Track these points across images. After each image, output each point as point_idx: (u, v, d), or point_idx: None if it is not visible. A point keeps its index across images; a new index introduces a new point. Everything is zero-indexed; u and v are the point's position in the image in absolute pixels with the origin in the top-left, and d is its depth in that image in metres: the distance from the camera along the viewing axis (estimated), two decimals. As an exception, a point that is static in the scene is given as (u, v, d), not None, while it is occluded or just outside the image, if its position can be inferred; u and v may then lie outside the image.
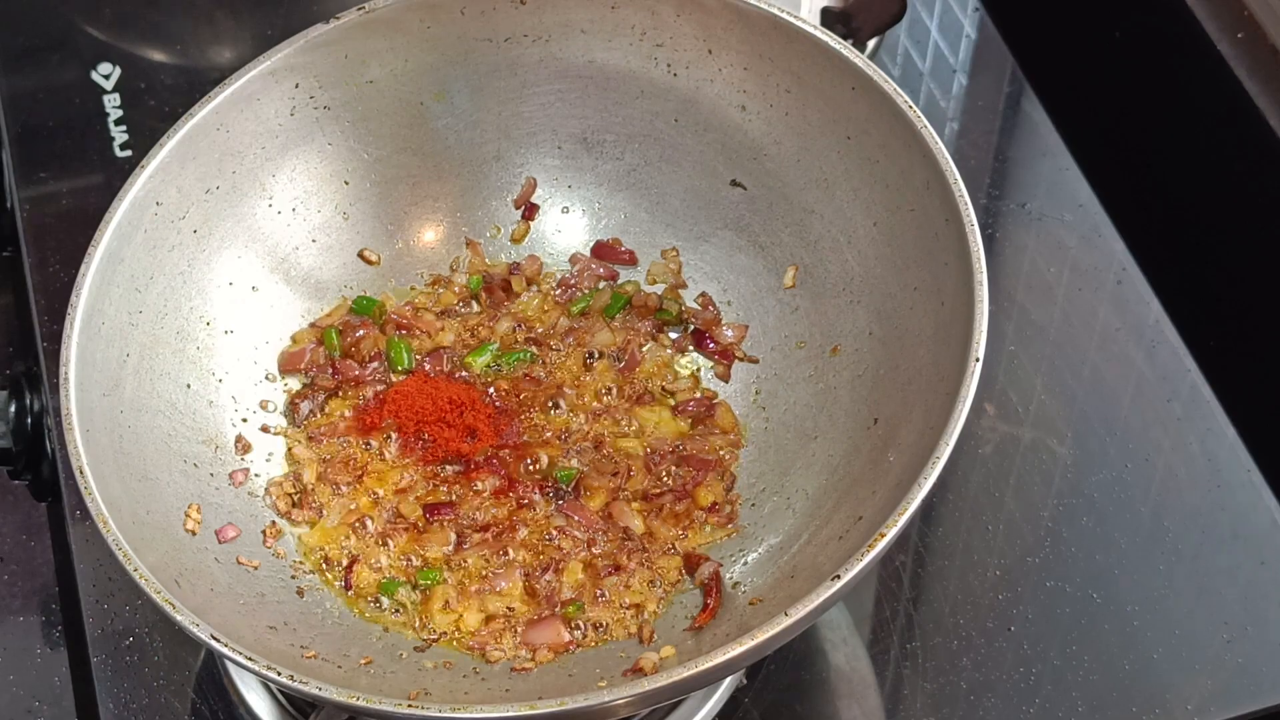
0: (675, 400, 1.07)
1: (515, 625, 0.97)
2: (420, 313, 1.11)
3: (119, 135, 1.31)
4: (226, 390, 1.05)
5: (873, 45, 1.24)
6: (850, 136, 1.03)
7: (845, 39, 1.04)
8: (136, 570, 0.86)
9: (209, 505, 0.98)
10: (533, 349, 1.09)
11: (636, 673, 0.91)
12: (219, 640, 0.84)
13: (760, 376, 1.08)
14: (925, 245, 0.98)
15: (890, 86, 0.99)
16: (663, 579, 0.99)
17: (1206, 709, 1.04)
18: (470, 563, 1.00)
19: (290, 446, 1.05)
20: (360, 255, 1.11)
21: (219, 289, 1.06)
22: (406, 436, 1.04)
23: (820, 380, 1.04)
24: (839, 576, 0.83)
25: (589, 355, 1.09)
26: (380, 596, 0.99)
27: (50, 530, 1.16)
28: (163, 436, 0.99)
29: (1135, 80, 1.38)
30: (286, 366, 1.08)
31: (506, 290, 1.12)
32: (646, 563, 0.99)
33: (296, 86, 1.06)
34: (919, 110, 0.97)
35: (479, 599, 0.98)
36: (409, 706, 0.82)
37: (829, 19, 1.18)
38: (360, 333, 1.09)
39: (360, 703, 0.82)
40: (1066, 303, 1.23)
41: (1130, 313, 1.22)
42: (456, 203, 1.13)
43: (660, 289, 1.12)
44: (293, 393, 1.07)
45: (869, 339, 1.02)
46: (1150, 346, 1.21)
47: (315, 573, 1.00)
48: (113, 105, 1.33)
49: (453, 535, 1.01)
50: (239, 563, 0.97)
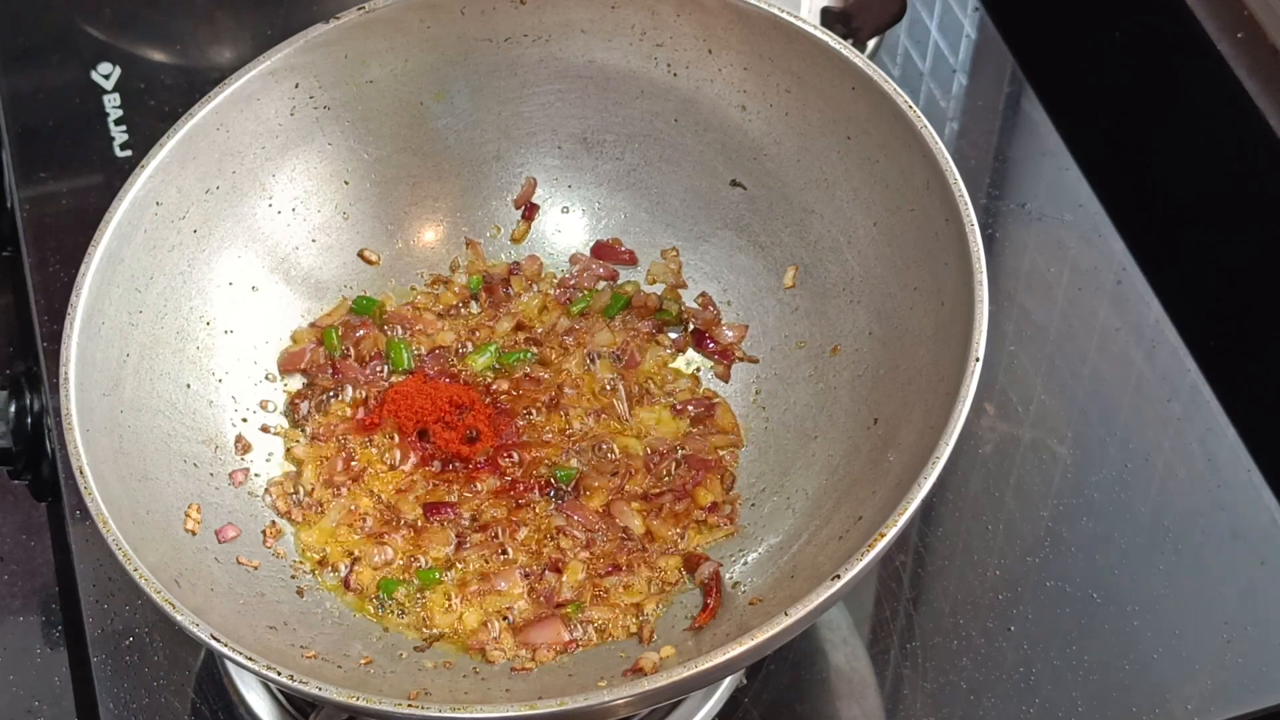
0: (675, 400, 1.07)
1: (515, 625, 0.97)
2: (420, 313, 1.11)
3: (119, 135, 1.31)
4: (226, 390, 1.05)
5: (873, 45, 1.24)
6: (850, 136, 1.03)
7: (845, 39, 1.04)
8: (136, 570, 0.86)
9: (209, 505, 0.98)
10: (533, 349, 1.09)
11: (636, 673, 0.90)
12: (219, 640, 0.84)
13: (760, 376, 1.08)
14: (925, 245, 0.98)
15: (890, 86, 0.99)
16: (662, 579, 0.99)
17: (1206, 709, 1.04)
18: (470, 563, 1.00)
19: (290, 446, 1.05)
20: (360, 255, 1.11)
21: (219, 289, 1.06)
22: (406, 437, 1.04)
23: (820, 380, 1.04)
24: (839, 576, 0.83)
25: (589, 355, 1.09)
26: (380, 596, 0.99)
27: (50, 530, 1.16)
28: (163, 436, 0.99)
29: (1135, 80, 1.38)
30: (286, 366, 1.08)
31: (507, 290, 1.12)
32: (646, 562, 0.99)
33: (296, 86, 1.06)
34: (919, 110, 0.97)
35: (479, 599, 0.98)
36: (409, 706, 0.82)
37: (829, 19, 1.18)
38: (360, 333, 1.09)
39: (360, 703, 0.82)
40: (1066, 303, 1.23)
41: (1130, 313, 1.22)
42: (456, 203, 1.13)
43: (660, 289, 1.12)
44: (293, 393, 1.07)
45: (869, 339, 1.02)
46: (1150, 346, 1.21)
47: (315, 573, 1.00)
48: (113, 105, 1.33)
49: (453, 535, 1.01)
50: (239, 563, 0.97)
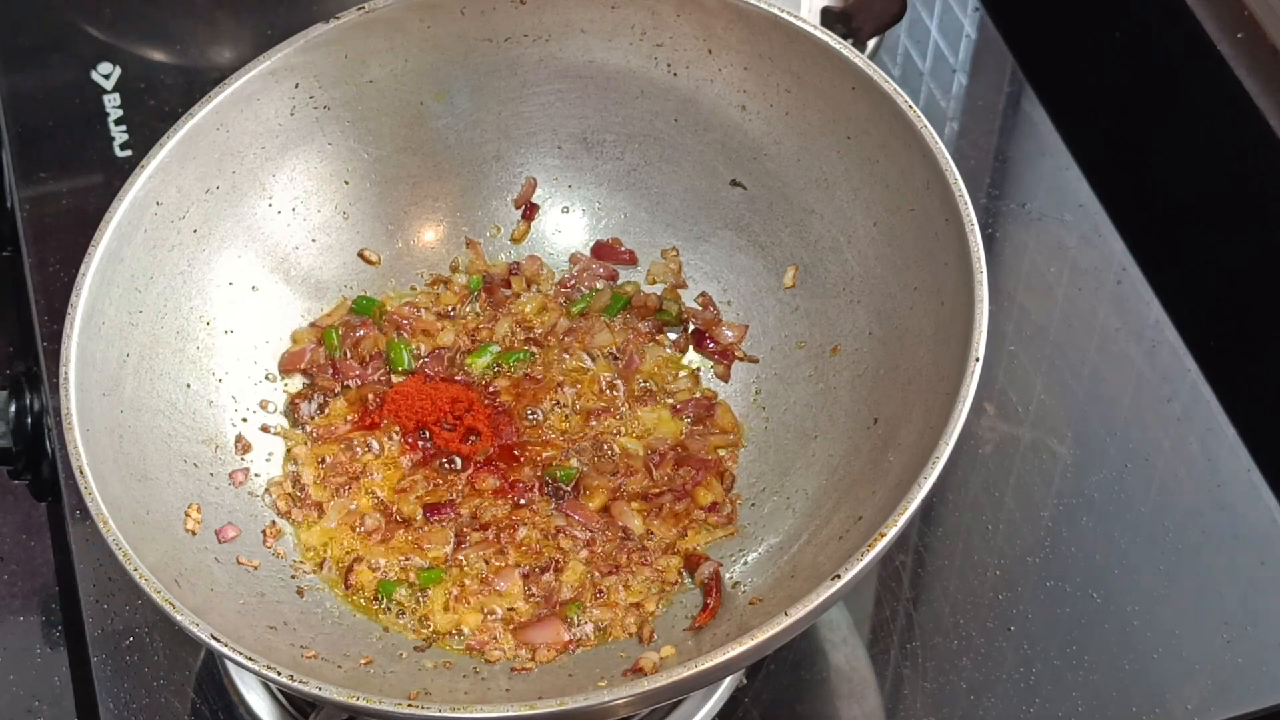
0: (675, 400, 1.07)
1: (515, 625, 0.97)
2: (420, 312, 1.11)
3: (119, 135, 1.31)
4: (226, 390, 1.05)
5: (873, 45, 1.24)
6: (850, 136, 1.03)
7: (845, 39, 1.04)
8: (136, 570, 0.86)
9: (209, 505, 0.98)
10: (532, 349, 1.09)
11: (636, 673, 0.90)
12: (219, 640, 0.84)
13: (760, 376, 1.08)
14: (925, 245, 0.98)
15: (890, 86, 0.99)
16: (662, 579, 0.99)
17: (1206, 709, 1.04)
18: (470, 563, 1.00)
19: (290, 447, 1.05)
20: (360, 255, 1.11)
21: (219, 289, 1.06)
22: (406, 437, 1.04)
23: (820, 380, 1.04)
24: (839, 576, 0.83)
25: (589, 355, 1.09)
26: (380, 597, 0.99)
27: (50, 530, 1.16)
28: (163, 436, 0.99)
29: (1135, 80, 1.38)
30: (287, 366, 1.08)
31: (507, 290, 1.12)
32: (646, 561, 0.99)
33: (296, 86, 1.06)
34: (919, 110, 0.97)
35: (479, 599, 0.98)
36: (409, 706, 0.82)
37: (829, 19, 1.18)
38: (360, 333, 1.09)
39: (360, 703, 0.82)
40: (1066, 303, 1.23)
41: (1130, 313, 1.22)
42: (456, 203, 1.13)
43: (660, 289, 1.12)
44: (293, 393, 1.07)
45: (869, 339, 1.02)
46: (1150, 346, 1.21)
47: (315, 573, 1.00)
48: (113, 105, 1.33)
49: (452, 535, 1.01)
50: (239, 563, 0.97)
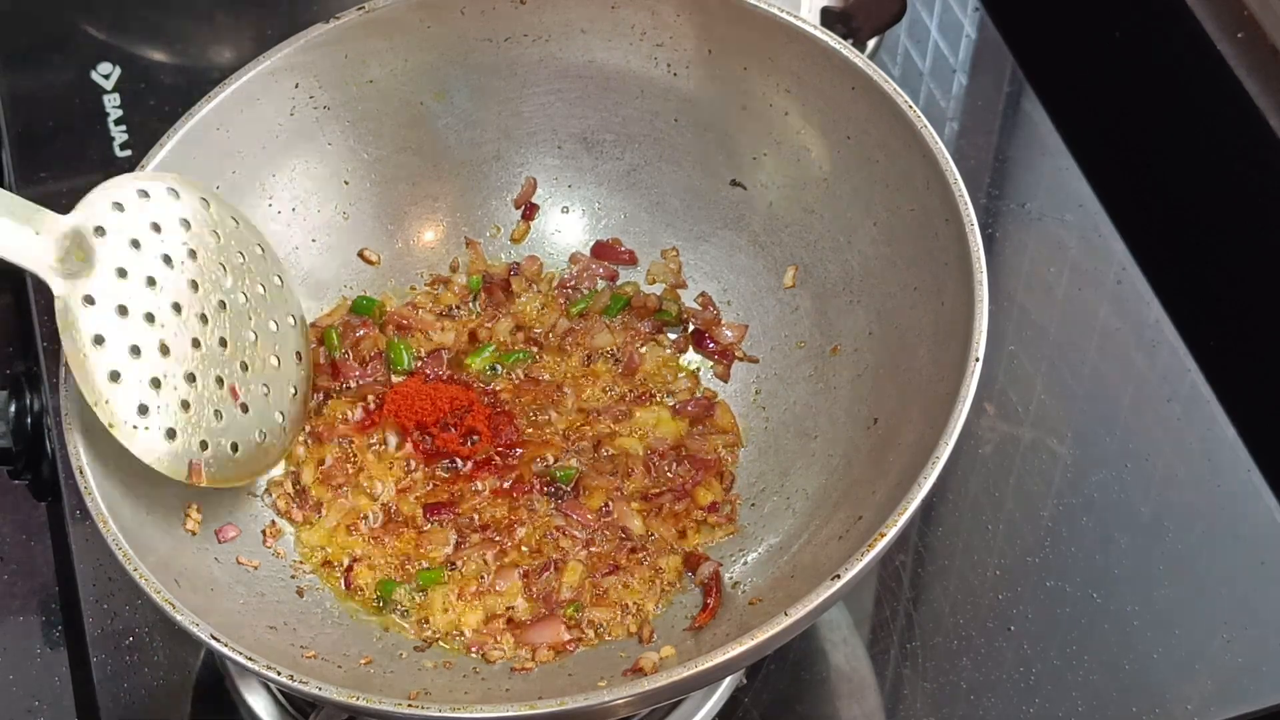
0: (675, 400, 1.07)
1: (516, 625, 0.97)
2: (420, 313, 1.11)
3: (119, 135, 1.31)
4: (226, 390, 1.05)
5: (873, 45, 1.24)
6: (850, 136, 1.03)
7: (845, 39, 1.04)
8: (136, 570, 0.86)
9: (209, 505, 0.98)
10: (533, 349, 1.09)
11: (636, 673, 0.90)
12: (219, 640, 0.84)
13: (760, 376, 1.08)
14: (925, 245, 0.98)
15: (890, 86, 0.99)
16: (663, 579, 0.99)
17: (1206, 709, 1.04)
18: (469, 563, 1.00)
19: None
20: (360, 255, 1.11)
21: (219, 289, 1.06)
22: (406, 437, 1.04)
23: (820, 380, 1.04)
24: (839, 576, 0.83)
25: (589, 356, 1.09)
26: (380, 597, 0.98)
27: (50, 530, 1.15)
28: (163, 436, 0.99)
29: (1135, 80, 1.38)
30: None
31: (506, 290, 1.12)
32: (646, 562, 0.99)
33: (296, 86, 1.06)
34: (919, 110, 0.97)
35: (479, 599, 0.98)
36: (409, 706, 0.82)
37: (829, 19, 1.18)
38: (360, 333, 1.09)
39: (360, 703, 0.82)
40: (1066, 303, 1.23)
41: (1130, 313, 1.22)
42: (456, 203, 1.13)
43: (660, 289, 1.12)
44: None
45: (869, 339, 1.02)
46: (1150, 346, 1.21)
47: (315, 573, 1.00)
48: (113, 105, 1.33)
49: (452, 535, 1.01)
50: (239, 563, 0.97)
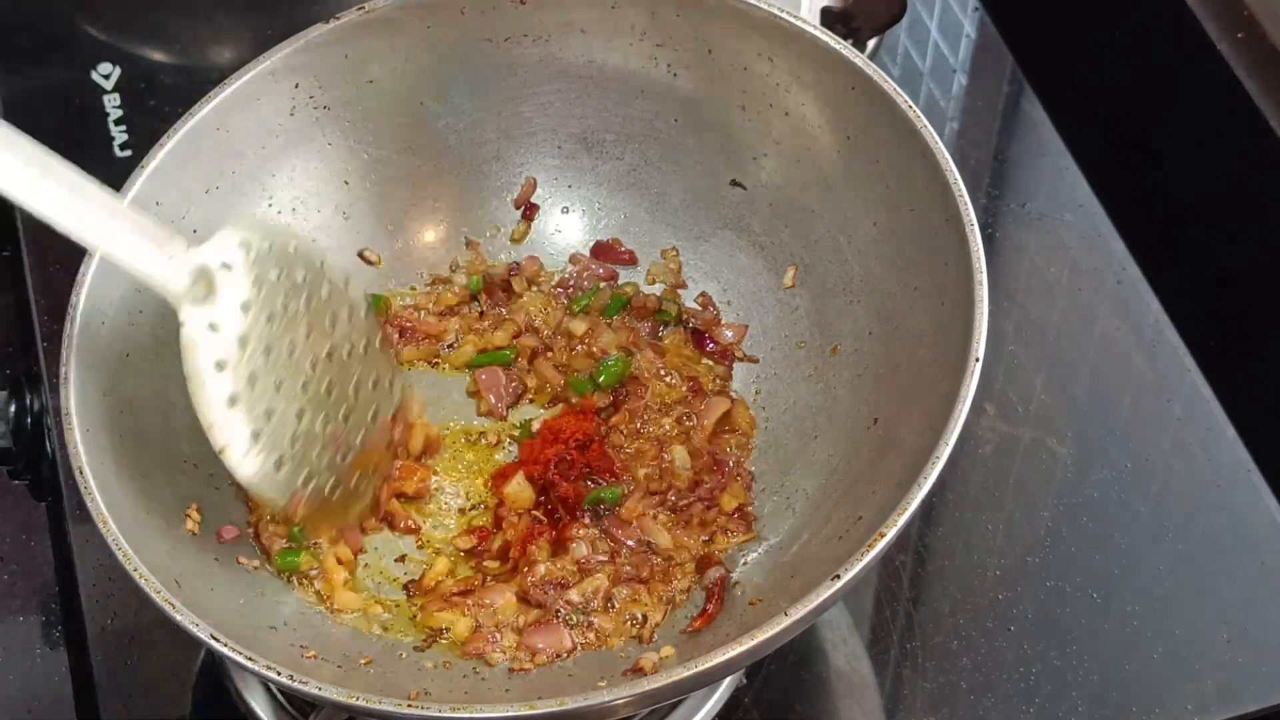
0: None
1: (518, 627, 0.97)
2: (422, 314, 1.10)
3: (119, 135, 1.31)
4: (226, 390, 1.05)
5: (873, 45, 1.24)
6: (850, 136, 1.03)
7: (845, 39, 1.04)
8: (136, 570, 0.86)
9: (209, 505, 0.98)
10: (512, 350, 1.09)
11: (636, 673, 0.90)
12: (219, 640, 0.84)
13: (760, 376, 1.08)
14: (925, 245, 0.98)
15: (890, 86, 0.99)
16: (674, 595, 0.98)
17: (1206, 709, 1.04)
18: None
19: None
20: (360, 255, 1.11)
21: (219, 289, 1.05)
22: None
23: (820, 380, 1.04)
24: (839, 576, 0.83)
25: (660, 369, 1.08)
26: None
27: (50, 530, 1.15)
28: (162, 436, 0.98)
29: (1135, 80, 1.38)
30: None
31: (507, 290, 1.12)
32: (665, 577, 0.99)
33: (296, 86, 1.06)
34: (919, 110, 0.97)
35: (474, 611, 0.98)
36: (409, 706, 0.82)
37: (829, 19, 1.18)
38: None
39: (360, 703, 0.82)
40: (1066, 303, 1.23)
41: (1130, 313, 1.22)
42: (456, 203, 1.13)
43: (660, 289, 1.12)
44: None
45: (869, 339, 1.02)
46: (1150, 346, 1.21)
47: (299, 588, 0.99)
48: (113, 105, 1.33)
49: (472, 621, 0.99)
50: (239, 563, 0.97)
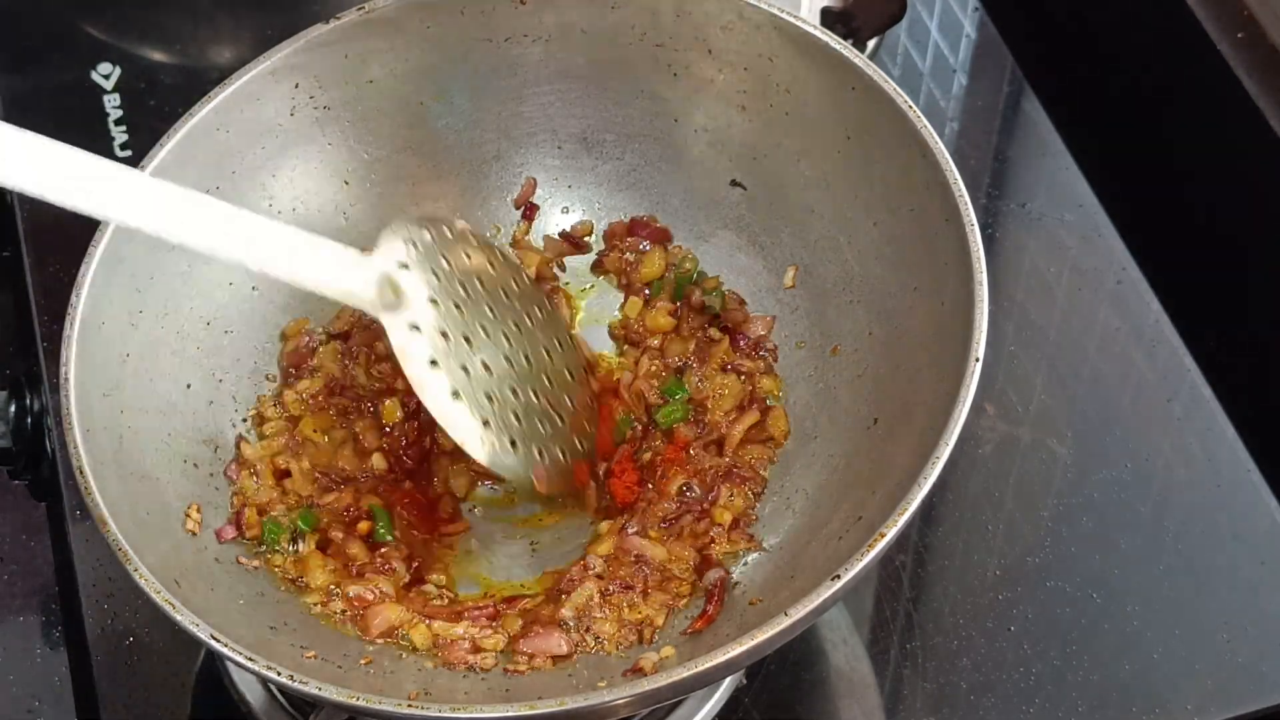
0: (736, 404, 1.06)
1: (513, 635, 0.96)
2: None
3: (119, 135, 1.31)
4: (226, 390, 1.05)
5: (873, 45, 1.24)
6: (850, 136, 1.03)
7: (845, 39, 1.04)
8: (136, 570, 0.86)
9: (209, 505, 0.98)
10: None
11: (636, 673, 0.90)
12: (219, 640, 0.84)
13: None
14: (925, 245, 0.98)
15: (890, 86, 0.99)
16: (675, 601, 0.98)
17: (1206, 709, 1.04)
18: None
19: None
20: (360, 255, 1.11)
21: (219, 289, 1.05)
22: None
23: (820, 380, 1.04)
24: (839, 576, 0.83)
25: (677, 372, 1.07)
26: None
27: (50, 530, 1.16)
28: (163, 436, 0.99)
29: (1135, 80, 1.38)
30: (292, 363, 1.07)
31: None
32: (663, 587, 0.98)
33: (296, 86, 1.06)
34: (919, 110, 0.97)
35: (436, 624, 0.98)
36: (409, 706, 0.82)
37: (829, 19, 1.18)
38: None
39: (360, 703, 0.82)
40: (1066, 303, 1.23)
41: (1130, 313, 1.22)
42: (456, 203, 1.13)
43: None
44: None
45: (869, 339, 1.02)
46: (1150, 346, 1.21)
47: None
48: (113, 105, 1.33)
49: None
50: (239, 563, 0.97)
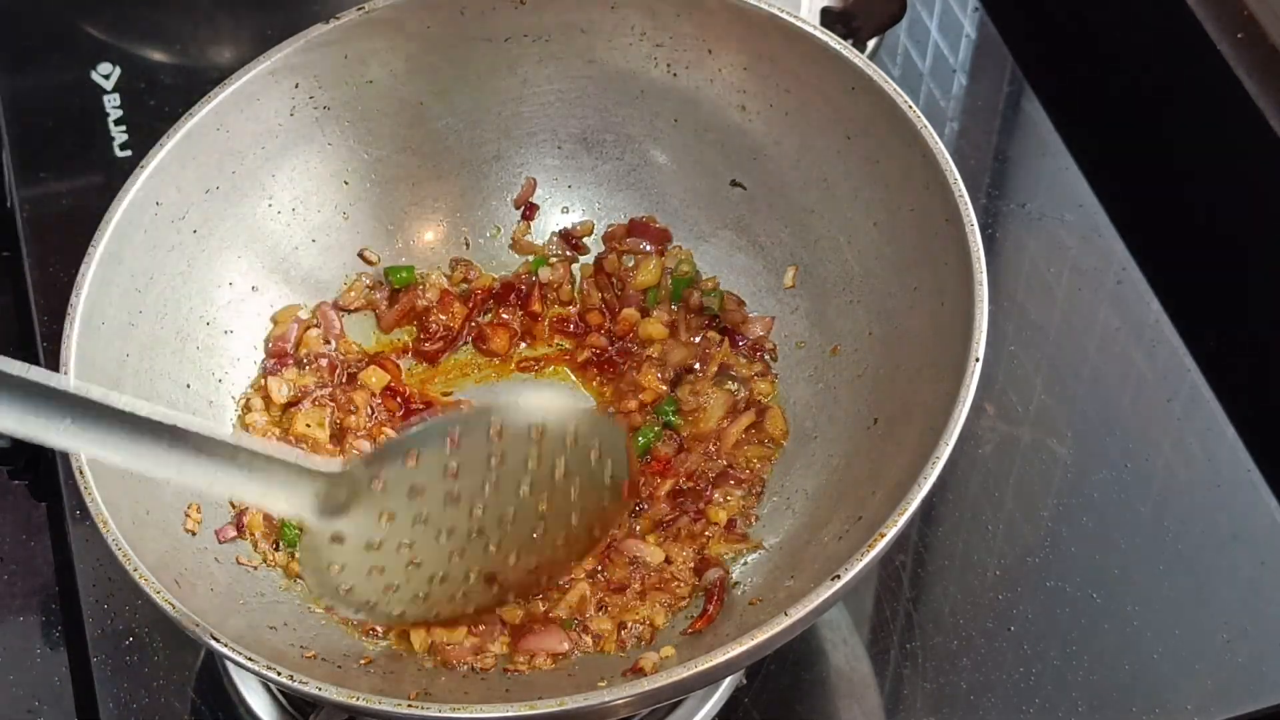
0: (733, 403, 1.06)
1: (513, 632, 0.96)
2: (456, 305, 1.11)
3: (119, 135, 1.31)
4: (226, 390, 1.05)
5: (873, 45, 1.24)
6: (850, 136, 1.03)
7: (845, 39, 1.04)
8: (136, 570, 0.86)
9: (209, 505, 0.98)
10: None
11: (636, 673, 0.90)
12: (219, 640, 0.84)
13: (760, 376, 1.08)
14: (925, 245, 0.98)
15: (890, 86, 0.99)
16: (675, 604, 0.98)
17: (1206, 709, 1.04)
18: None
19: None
20: (360, 255, 1.11)
21: (219, 289, 1.06)
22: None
23: (820, 380, 1.04)
24: (839, 576, 0.83)
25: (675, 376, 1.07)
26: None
27: (50, 530, 1.15)
28: (163, 436, 0.98)
29: (1135, 80, 1.38)
30: (276, 353, 1.07)
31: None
32: (663, 587, 0.98)
33: (296, 86, 1.06)
34: (919, 110, 0.97)
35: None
36: (409, 706, 0.82)
37: (829, 19, 1.18)
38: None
39: (360, 703, 0.82)
40: (1066, 303, 1.23)
41: (1130, 313, 1.22)
42: (456, 203, 1.13)
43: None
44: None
45: (869, 339, 1.02)
46: (1150, 346, 1.21)
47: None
48: (113, 105, 1.33)
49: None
50: (239, 563, 0.97)
